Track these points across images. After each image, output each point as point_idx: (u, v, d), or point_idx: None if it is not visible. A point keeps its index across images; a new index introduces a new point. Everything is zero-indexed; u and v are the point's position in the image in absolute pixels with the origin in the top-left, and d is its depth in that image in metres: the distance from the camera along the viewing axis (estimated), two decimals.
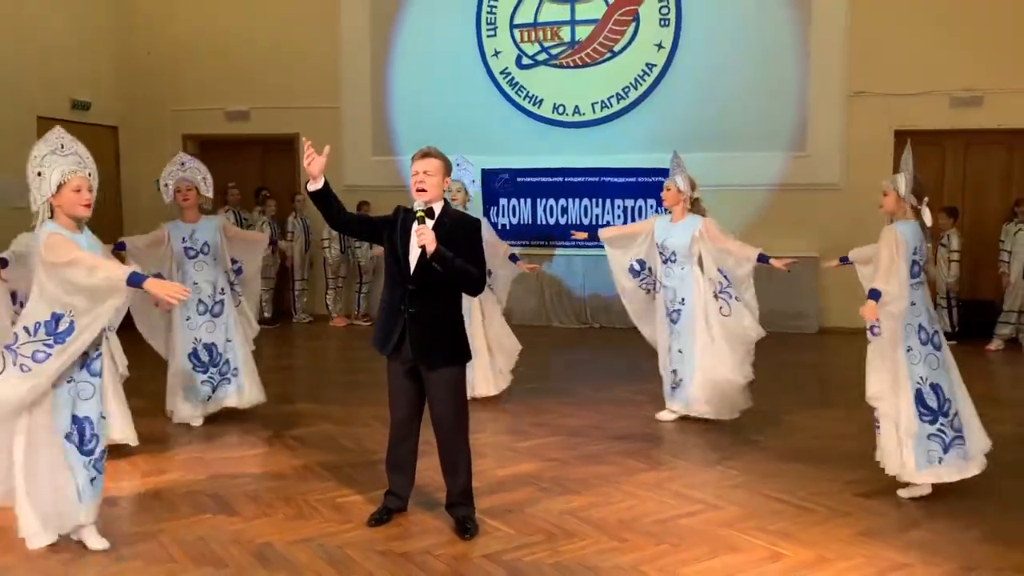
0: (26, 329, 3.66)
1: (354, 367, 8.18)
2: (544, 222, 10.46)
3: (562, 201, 10.40)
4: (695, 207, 5.95)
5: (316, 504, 4.45)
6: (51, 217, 3.71)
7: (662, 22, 10.17)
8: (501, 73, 10.58)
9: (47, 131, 3.85)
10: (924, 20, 9.48)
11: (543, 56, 10.48)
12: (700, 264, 5.89)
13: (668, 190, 5.94)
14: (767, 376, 7.72)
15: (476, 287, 3.90)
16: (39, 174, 3.68)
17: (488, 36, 10.56)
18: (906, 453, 4.39)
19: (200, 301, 6.00)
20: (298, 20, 10.91)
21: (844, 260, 5.67)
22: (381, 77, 10.87)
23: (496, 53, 10.56)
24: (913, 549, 3.87)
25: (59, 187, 3.68)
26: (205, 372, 6.00)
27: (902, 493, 4.51)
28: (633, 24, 10.23)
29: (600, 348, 9.28)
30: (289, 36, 10.93)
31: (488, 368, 6.55)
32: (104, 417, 3.93)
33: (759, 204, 9.99)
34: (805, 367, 8.35)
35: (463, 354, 4.00)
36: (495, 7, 10.52)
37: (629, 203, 10.30)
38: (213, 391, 6.03)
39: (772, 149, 9.95)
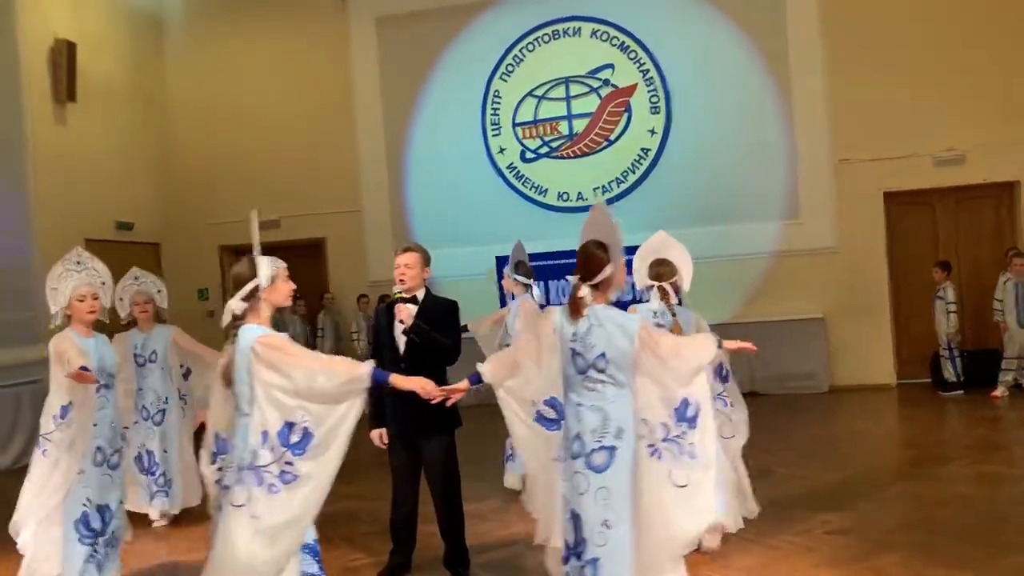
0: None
1: (377, 450, 8.67)
2: (557, 302, 11.00)
3: (573, 280, 10.95)
4: None
5: (329, 567, 4.91)
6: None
7: (653, 110, 10.90)
8: (507, 168, 11.35)
9: (95, 253, 4.53)
10: (899, 87, 10.04)
11: (545, 149, 11.25)
12: None
13: None
14: (771, 434, 8.08)
15: (449, 356, 4.43)
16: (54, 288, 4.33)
17: (493, 135, 11.39)
18: None
19: (144, 407, 6.05)
20: (320, 134, 11.83)
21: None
22: (397, 180, 11.70)
23: (501, 150, 11.36)
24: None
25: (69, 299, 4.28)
26: (144, 475, 6.04)
27: None
28: (626, 114, 10.98)
29: None
30: (312, 150, 11.84)
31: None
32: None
33: (759, 272, 10.45)
34: (810, 424, 8.64)
35: (452, 423, 4.52)
36: (498, 109, 11.37)
37: (632, 279, 10.82)
38: (151, 499, 6.06)
39: (767, 219, 10.47)
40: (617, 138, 11.05)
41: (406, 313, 4.32)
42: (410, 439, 4.47)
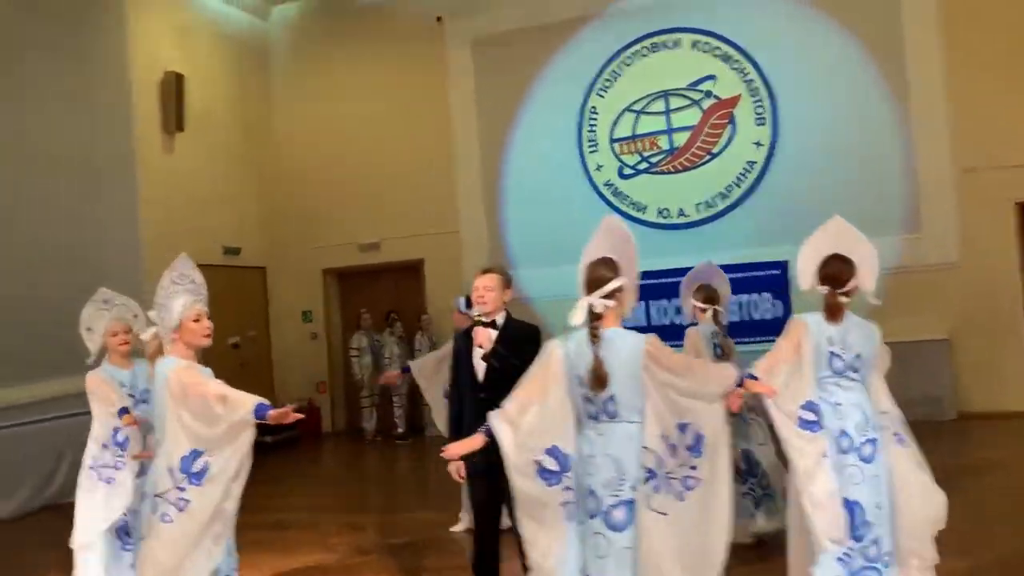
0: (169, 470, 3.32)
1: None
2: (659, 323, 10.61)
3: (675, 301, 10.46)
4: None
5: None
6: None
7: (758, 121, 10.43)
8: (605, 185, 11.08)
9: (203, 277, 3.90)
10: None
11: (644, 165, 10.93)
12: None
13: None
14: None
15: None
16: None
17: (590, 152, 11.14)
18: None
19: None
20: (418, 156, 11.86)
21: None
22: (494, 200, 11.59)
23: (599, 167, 11.10)
24: None
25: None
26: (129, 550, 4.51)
27: None
28: (729, 126, 10.55)
29: None
30: (410, 173, 11.86)
31: None
32: None
33: (877, 291, 9.77)
34: (936, 455, 7.91)
35: None
36: (595, 126, 11.13)
37: (743, 298, 10.31)
38: None
39: (884, 233, 9.70)
40: (720, 151, 10.62)
41: (484, 337, 4.12)
42: (489, 473, 4.23)
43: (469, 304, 6.45)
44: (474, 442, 3.33)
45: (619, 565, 3.05)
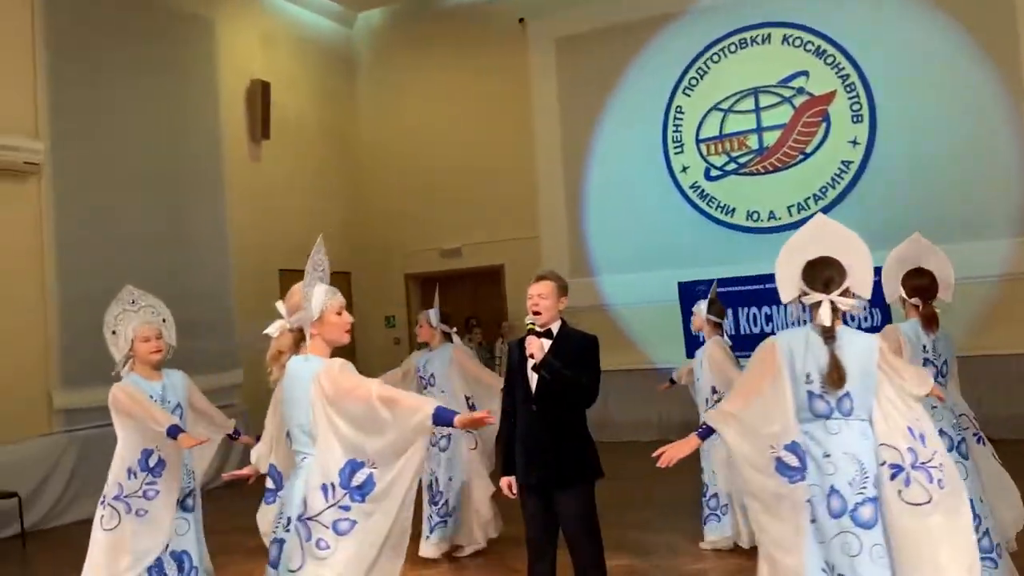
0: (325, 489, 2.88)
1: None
2: (748, 332, 10.14)
3: (765, 309, 10.05)
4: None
5: None
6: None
7: (854, 118, 9.85)
8: (691, 187, 10.68)
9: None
10: None
11: (732, 166, 10.48)
12: None
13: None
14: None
15: (583, 396, 3.94)
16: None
17: (675, 153, 10.77)
18: None
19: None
20: (498, 161, 11.73)
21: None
22: (576, 204, 11.35)
23: (684, 168, 10.72)
24: None
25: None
26: None
27: None
28: (824, 124, 10.01)
29: None
30: (492, 178, 11.75)
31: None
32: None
33: (986, 298, 9.08)
34: None
35: (592, 471, 4.02)
36: (680, 125, 10.75)
37: None
38: None
39: (994, 236, 9.10)
40: (814, 151, 10.09)
41: (536, 347, 3.89)
42: (543, 489, 4.01)
43: (443, 318, 6.35)
44: (690, 443, 3.23)
45: (874, 562, 3.00)
